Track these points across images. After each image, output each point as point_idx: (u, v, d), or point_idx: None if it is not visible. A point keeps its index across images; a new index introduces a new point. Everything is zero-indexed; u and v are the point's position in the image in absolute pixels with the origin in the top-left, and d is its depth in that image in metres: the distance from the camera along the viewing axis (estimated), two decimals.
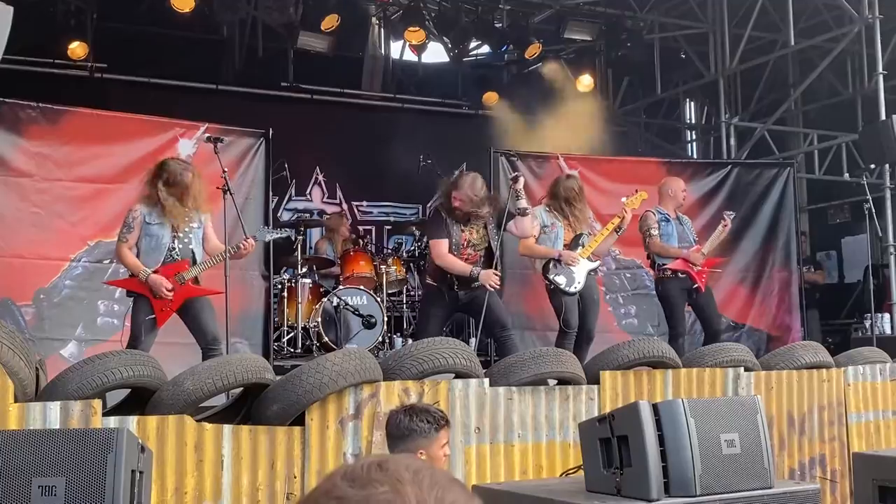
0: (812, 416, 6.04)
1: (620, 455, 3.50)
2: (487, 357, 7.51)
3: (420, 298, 8.65)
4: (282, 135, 8.56)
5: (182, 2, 9.40)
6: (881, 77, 9.53)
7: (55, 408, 3.76)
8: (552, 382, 5.18)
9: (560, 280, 6.93)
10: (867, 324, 9.44)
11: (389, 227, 11.89)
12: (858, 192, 9.87)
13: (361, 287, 8.48)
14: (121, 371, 3.99)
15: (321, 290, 8.63)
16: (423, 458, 3.20)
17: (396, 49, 12.65)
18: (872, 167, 10.11)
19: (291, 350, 8.34)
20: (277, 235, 6.66)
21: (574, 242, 7.08)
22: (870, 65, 10.35)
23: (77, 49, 9.94)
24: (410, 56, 12.59)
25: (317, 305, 8.37)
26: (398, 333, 9.02)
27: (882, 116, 9.36)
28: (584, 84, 11.74)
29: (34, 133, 7.41)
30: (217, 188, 6.23)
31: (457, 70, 12.59)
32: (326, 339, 8.11)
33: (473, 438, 4.79)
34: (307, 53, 10.75)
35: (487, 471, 4.78)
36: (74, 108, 7.77)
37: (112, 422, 3.88)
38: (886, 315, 9.51)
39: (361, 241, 9.84)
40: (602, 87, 12.39)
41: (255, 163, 8.11)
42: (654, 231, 7.52)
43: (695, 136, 14.28)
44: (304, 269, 8.66)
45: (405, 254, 9.71)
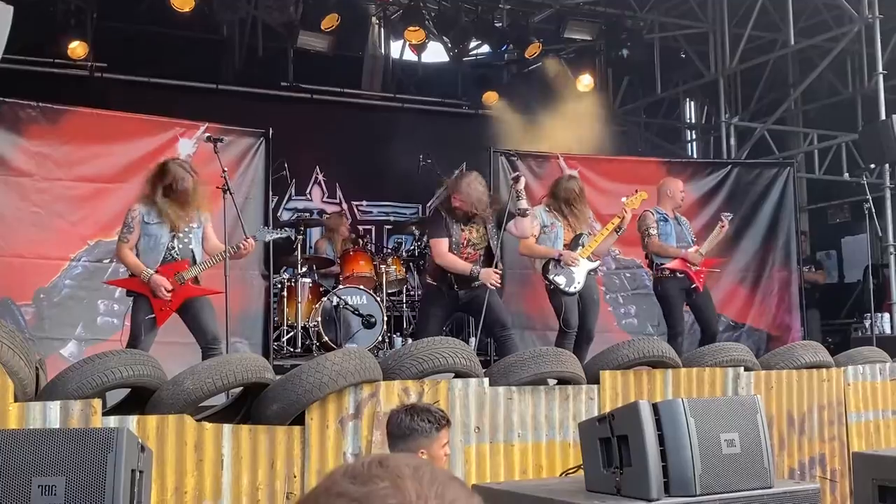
0: (812, 416, 6.04)
1: (620, 455, 3.50)
2: (487, 357, 7.50)
3: (420, 298, 8.65)
4: (282, 134, 8.56)
5: (182, 1, 9.39)
6: (881, 77, 9.53)
7: (55, 407, 3.76)
8: (552, 382, 5.18)
9: (560, 280, 6.94)
10: (867, 323, 9.44)
11: (389, 227, 11.89)
12: (858, 192, 9.87)
13: (361, 287, 8.48)
14: (121, 370, 3.99)
15: (321, 290, 8.62)
16: (424, 458, 3.19)
17: (396, 49, 12.66)
18: (872, 167, 10.10)
19: (291, 349, 8.33)
20: (277, 235, 6.66)
21: (574, 242, 7.08)
22: (870, 64, 10.35)
23: (77, 49, 9.93)
24: (410, 56, 12.58)
25: (316, 305, 8.37)
26: (398, 333, 9.01)
27: (882, 116, 9.36)
28: (584, 84, 11.73)
29: (34, 132, 7.42)
30: (217, 188, 6.23)
31: (457, 70, 12.59)
32: (326, 339, 8.11)
33: (473, 438, 4.79)
34: (307, 53, 10.76)
35: (487, 470, 4.78)
36: (74, 108, 7.77)
37: (112, 421, 3.88)
38: (886, 315, 9.50)
39: (361, 241, 9.85)
40: (602, 87, 12.37)
41: (255, 162, 8.12)
42: (653, 231, 7.53)
43: (695, 136, 14.28)
44: (304, 269, 8.66)
45: (405, 253, 9.71)
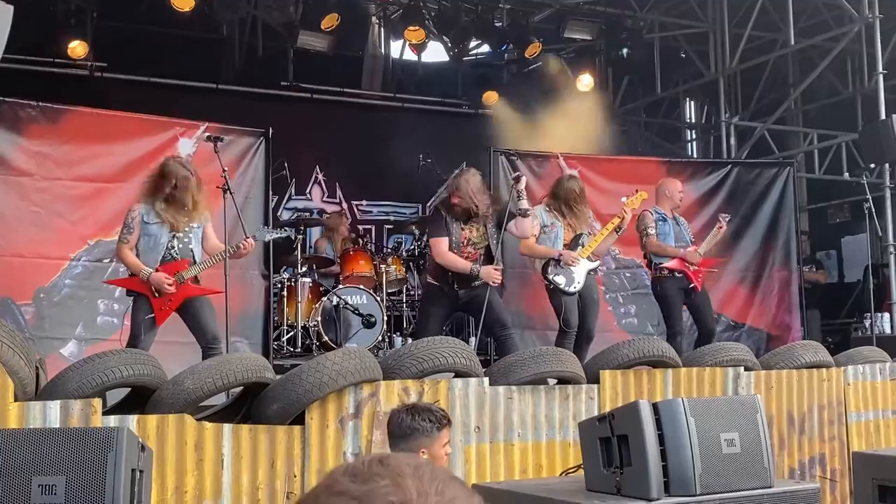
0: (812, 416, 6.04)
1: (620, 454, 3.50)
2: (487, 356, 7.51)
3: (420, 297, 8.65)
4: (282, 134, 8.56)
5: (182, 1, 9.39)
6: (881, 76, 9.53)
7: (55, 407, 3.76)
8: (552, 382, 5.18)
9: (560, 280, 6.94)
10: (867, 323, 9.44)
11: (389, 227, 11.88)
12: (858, 192, 9.87)
13: (361, 286, 8.48)
14: (121, 370, 3.99)
15: (321, 290, 8.62)
16: (425, 457, 3.20)
17: (396, 48, 12.65)
18: (872, 167, 10.11)
19: (291, 349, 8.33)
20: (277, 235, 6.66)
21: (574, 242, 7.08)
22: (870, 64, 10.35)
23: (77, 48, 9.92)
24: (410, 55, 12.58)
25: (316, 304, 8.37)
26: (398, 333, 9.01)
27: (882, 116, 9.36)
28: (584, 83, 11.73)
29: (34, 132, 7.41)
30: (217, 187, 6.23)
31: (457, 69, 12.59)
32: (326, 339, 8.10)
33: (473, 437, 4.79)
34: (307, 52, 10.75)
35: (487, 470, 4.78)
36: (74, 108, 7.77)
37: (112, 421, 3.88)
38: (886, 314, 9.50)
39: (361, 241, 9.84)
40: (602, 87, 12.36)
41: (255, 162, 8.12)
42: (651, 230, 7.54)
43: (695, 136, 14.27)
44: (304, 269, 8.65)
45: (405, 253, 9.70)
